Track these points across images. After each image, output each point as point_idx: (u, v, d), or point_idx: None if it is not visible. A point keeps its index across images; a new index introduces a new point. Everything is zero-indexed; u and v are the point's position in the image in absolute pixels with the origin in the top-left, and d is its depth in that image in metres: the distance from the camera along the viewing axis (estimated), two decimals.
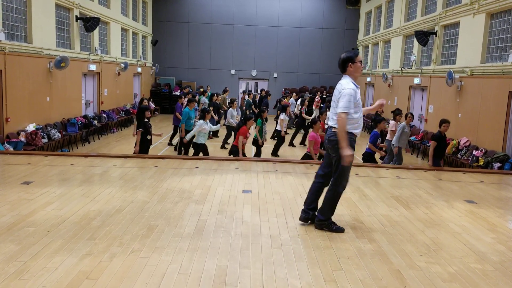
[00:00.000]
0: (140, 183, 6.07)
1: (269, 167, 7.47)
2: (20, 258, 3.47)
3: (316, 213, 4.47)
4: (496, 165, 10.08)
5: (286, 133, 12.97)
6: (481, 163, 10.52)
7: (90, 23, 14.60)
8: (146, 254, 3.64)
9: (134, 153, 8.56)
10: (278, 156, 12.57)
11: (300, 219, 4.55)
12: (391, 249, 3.97)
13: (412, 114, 10.65)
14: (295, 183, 6.37)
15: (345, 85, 4.23)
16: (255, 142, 11.32)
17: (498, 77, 10.85)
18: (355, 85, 4.29)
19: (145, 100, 14.45)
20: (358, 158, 13.51)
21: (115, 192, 5.55)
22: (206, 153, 9.77)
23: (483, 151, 11.01)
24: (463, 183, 6.92)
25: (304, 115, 16.24)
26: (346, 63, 4.33)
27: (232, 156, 9.39)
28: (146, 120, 8.58)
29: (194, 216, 4.69)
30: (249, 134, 9.78)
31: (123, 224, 4.35)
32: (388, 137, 10.36)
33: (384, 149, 9.45)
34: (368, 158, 9.08)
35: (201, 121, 9.74)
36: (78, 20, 14.61)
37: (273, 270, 3.45)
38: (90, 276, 3.21)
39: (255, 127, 11.23)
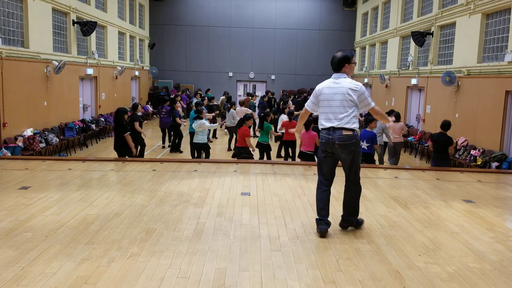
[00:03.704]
0: (138, 186, 6.06)
1: (268, 169, 7.47)
2: (18, 264, 3.46)
3: (349, 217, 4.43)
4: (494, 164, 10.10)
5: None
6: (479, 163, 10.54)
7: (87, 27, 14.61)
8: (145, 258, 3.63)
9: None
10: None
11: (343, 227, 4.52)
12: (390, 250, 3.97)
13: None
14: (293, 185, 6.37)
15: (356, 83, 4.27)
16: (260, 146, 10.57)
17: (494, 76, 10.88)
18: None
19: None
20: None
21: (113, 196, 5.54)
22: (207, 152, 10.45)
23: (481, 150, 11.03)
24: (461, 183, 6.93)
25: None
26: (343, 62, 4.31)
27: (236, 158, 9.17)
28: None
29: (193, 219, 4.69)
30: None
31: (121, 228, 4.34)
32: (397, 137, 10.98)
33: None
34: (366, 158, 9.09)
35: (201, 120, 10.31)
36: (75, 24, 14.61)
37: (272, 272, 3.44)
38: (88, 281, 3.20)
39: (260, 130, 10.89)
